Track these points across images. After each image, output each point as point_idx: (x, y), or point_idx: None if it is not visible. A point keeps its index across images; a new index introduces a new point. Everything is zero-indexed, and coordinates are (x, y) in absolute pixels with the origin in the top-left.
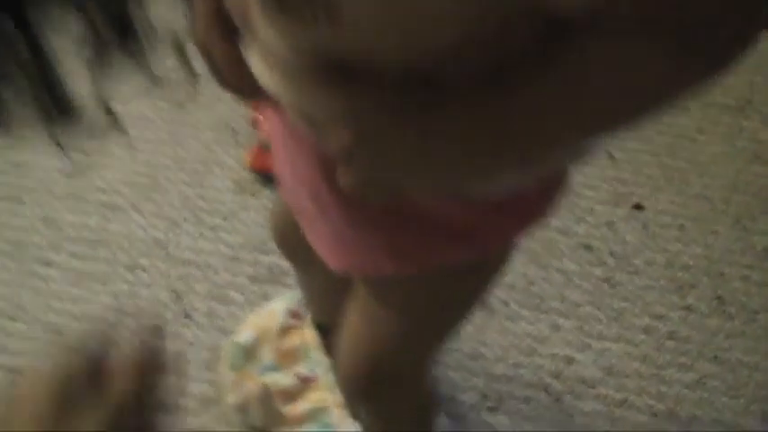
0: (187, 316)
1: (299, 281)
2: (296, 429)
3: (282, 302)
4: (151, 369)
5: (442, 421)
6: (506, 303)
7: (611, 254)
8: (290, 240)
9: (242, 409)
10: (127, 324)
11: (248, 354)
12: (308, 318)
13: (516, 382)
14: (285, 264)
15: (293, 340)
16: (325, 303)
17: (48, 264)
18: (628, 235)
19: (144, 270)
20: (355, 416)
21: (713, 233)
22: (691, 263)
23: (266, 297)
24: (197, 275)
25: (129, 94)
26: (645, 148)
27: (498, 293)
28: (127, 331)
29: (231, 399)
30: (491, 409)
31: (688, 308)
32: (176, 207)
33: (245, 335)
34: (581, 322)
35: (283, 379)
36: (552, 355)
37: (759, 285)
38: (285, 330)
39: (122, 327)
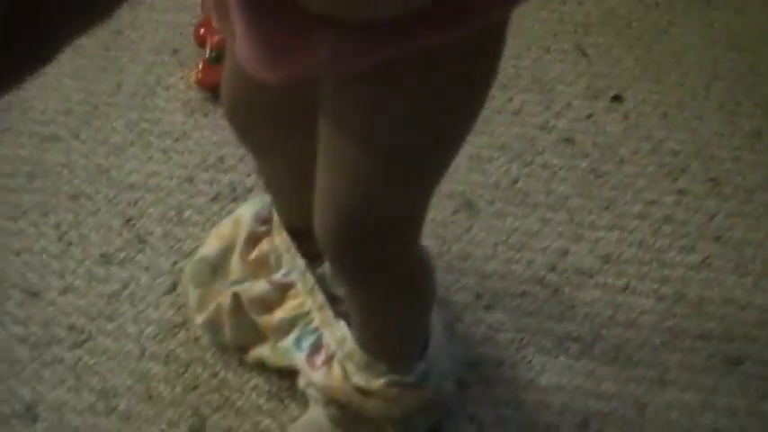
0: (142, 241)
1: (260, 174)
2: (275, 343)
3: (249, 208)
4: None
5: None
6: (491, 202)
7: (595, 145)
8: (243, 113)
9: (212, 327)
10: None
11: (214, 268)
12: (278, 221)
13: (510, 279)
14: (249, 180)
15: (263, 247)
16: (293, 196)
17: None
18: (609, 126)
19: (89, 198)
20: (340, 314)
21: (698, 118)
22: (678, 148)
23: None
24: (149, 199)
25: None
26: (617, 42)
27: (481, 193)
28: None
29: (199, 318)
30: (487, 308)
31: (681, 191)
32: (120, 131)
33: (208, 248)
34: (571, 214)
35: (255, 287)
36: (544, 248)
37: (752, 165)
38: (254, 238)
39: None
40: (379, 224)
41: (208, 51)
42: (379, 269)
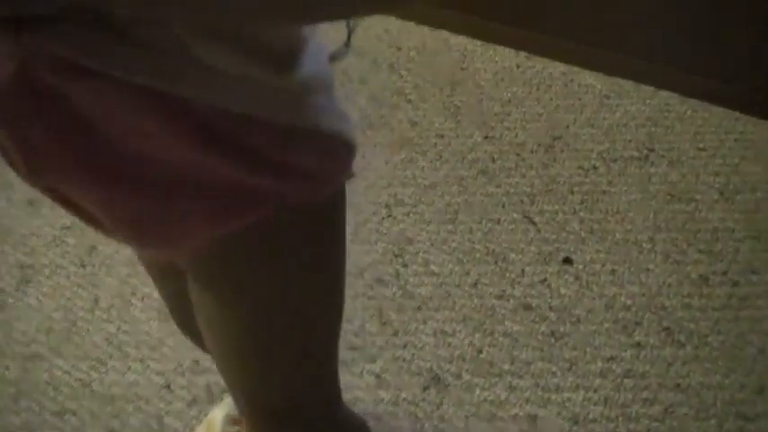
0: None
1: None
2: None
3: (220, 411)
4: None
5: None
6: (458, 376)
7: (551, 308)
8: (179, 315)
9: None
10: None
11: None
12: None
13: None
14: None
15: None
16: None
17: None
18: (563, 288)
19: (74, 413)
20: None
21: (646, 271)
22: (630, 302)
23: None
24: (129, 409)
25: (39, 245)
26: (561, 208)
27: (447, 367)
28: None
29: None
30: None
31: (638, 344)
32: (99, 346)
33: None
34: (536, 379)
35: None
36: (513, 416)
37: (703, 310)
38: None
39: None
40: (287, 404)
41: None
42: None
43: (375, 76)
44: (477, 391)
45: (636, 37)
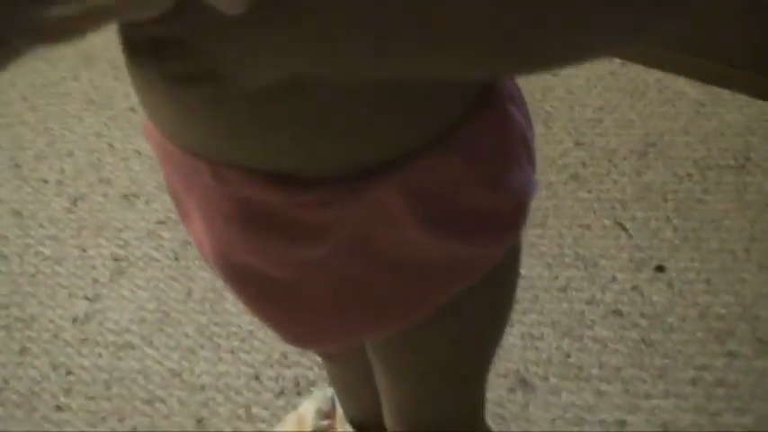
0: None
1: (327, 373)
2: None
3: (311, 404)
4: None
5: None
6: (545, 378)
7: (642, 315)
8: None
9: None
10: None
11: None
12: (341, 414)
13: None
14: (312, 373)
15: None
16: (358, 395)
17: (60, 409)
18: (655, 296)
19: (163, 401)
20: None
21: (741, 281)
22: (723, 311)
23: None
24: (219, 399)
25: (133, 238)
26: (654, 215)
27: (535, 370)
28: None
29: None
30: None
31: (730, 354)
32: (191, 336)
33: None
34: (625, 385)
35: None
36: (601, 421)
37: None
38: None
39: None
40: (444, 421)
41: None
42: None
43: None
44: (565, 395)
45: (732, 44)
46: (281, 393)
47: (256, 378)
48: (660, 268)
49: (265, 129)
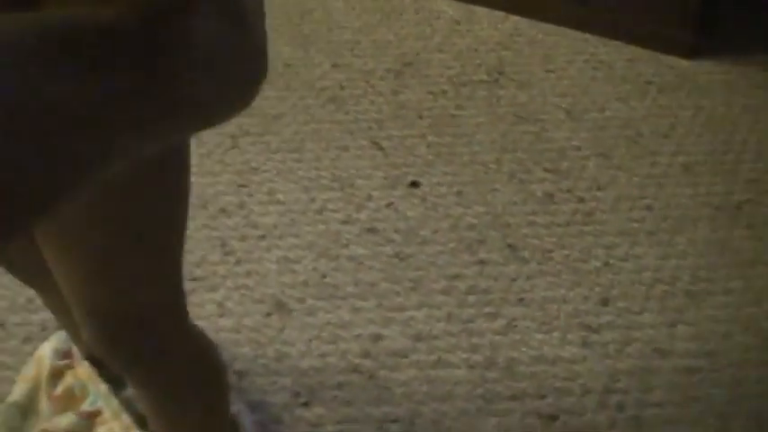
0: None
1: (46, 306)
2: None
3: (49, 345)
4: None
5: (255, 427)
6: (302, 300)
7: (397, 231)
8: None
9: None
10: None
11: (24, 411)
12: (77, 351)
13: (326, 372)
14: None
15: (67, 381)
16: (70, 316)
17: None
18: (409, 211)
19: None
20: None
21: (492, 191)
22: (475, 221)
23: None
24: None
25: None
26: (410, 133)
27: (291, 293)
28: None
29: None
30: (305, 405)
31: (481, 262)
32: None
33: (15, 393)
34: (380, 299)
35: (63, 420)
36: (356, 336)
37: (547, 227)
38: (57, 373)
39: None
40: (130, 314)
41: None
42: (154, 361)
43: None
44: (321, 315)
45: None
46: (28, 339)
47: (1, 325)
48: (414, 184)
49: None
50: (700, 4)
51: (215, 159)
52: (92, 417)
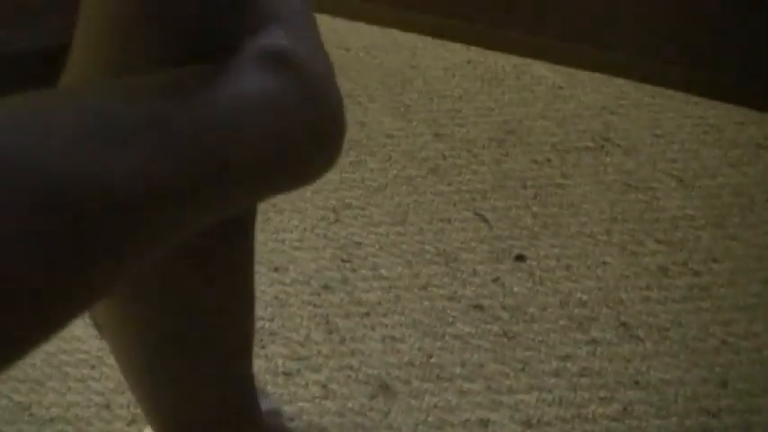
0: None
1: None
2: None
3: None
4: None
5: None
6: (407, 382)
7: (504, 308)
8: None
9: None
10: None
11: None
12: None
13: None
14: None
15: None
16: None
17: None
18: (516, 287)
19: None
20: None
21: (602, 265)
22: (585, 298)
23: None
24: (69, 431)
25: None
26: (514, 203)
27: (397, 374)
28: None
29: None
30: None
31: (594, 341)
32: (38, 366)
33: None
34: (488, 381)
35: None
36: (464, 421)
37: (662, 303)
38: None
39: None
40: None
41: None
42: None
43: None
44: (427, 398)
45: (588, 24)
46: (133, 422)
47: (107, 407)
48: (520, 257)
49: None
50: None
51: (318, 233)
52: None
